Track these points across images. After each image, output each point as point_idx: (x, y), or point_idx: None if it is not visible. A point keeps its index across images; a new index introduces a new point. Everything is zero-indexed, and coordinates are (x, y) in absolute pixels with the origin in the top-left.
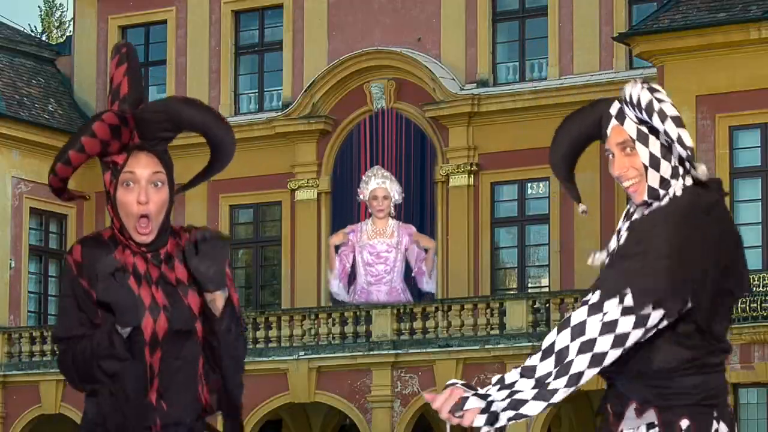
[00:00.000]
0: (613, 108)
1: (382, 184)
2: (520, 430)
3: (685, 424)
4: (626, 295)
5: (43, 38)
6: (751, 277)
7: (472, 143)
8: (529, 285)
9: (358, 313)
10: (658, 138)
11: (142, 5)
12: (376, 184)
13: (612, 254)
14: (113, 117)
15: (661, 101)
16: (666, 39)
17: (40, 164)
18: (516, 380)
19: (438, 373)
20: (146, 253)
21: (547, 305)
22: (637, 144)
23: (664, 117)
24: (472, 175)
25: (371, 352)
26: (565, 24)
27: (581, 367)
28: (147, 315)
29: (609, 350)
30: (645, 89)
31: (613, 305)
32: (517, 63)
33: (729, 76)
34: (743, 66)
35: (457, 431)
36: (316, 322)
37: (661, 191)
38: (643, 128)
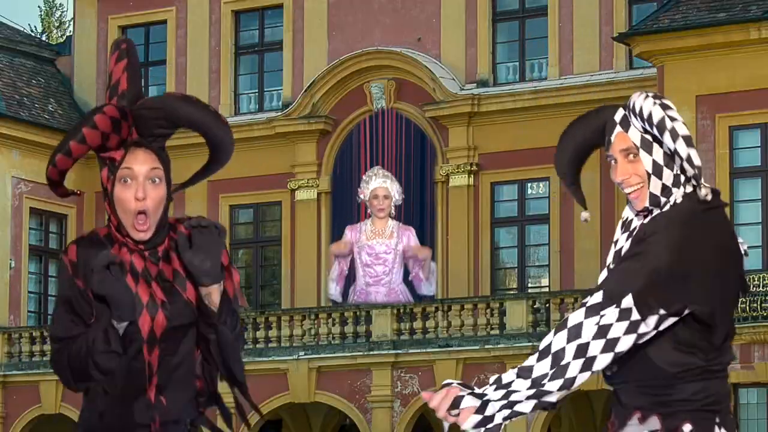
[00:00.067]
0: (618, 115)
1: (383, 183)
2: (520, 430)
3: (687, 429)
4: (626, 296)
5: (43, 38)
6: (751, 277)
7: (472, 143)
8: (529, 285)
9: (358, 313)
10: (661, 146)
11: (142, 5)
12: (378, 184)
13: (609, 267)
14: (114, 110)
15: (674, 120)
16: (666, 39)
17: (40, 164)
18: (512, 380)
19: (438, 373)
20: (144, 250)
21: (547, 305)
22: (641, 152)
23: (675, 136)
24: (472, 175)
25: (371, 352)
26: (565, 24)
27: (574, 372)
28: (144, 313)
29: (598, 354)
30: (657, 105)
31: (612, 307)
32: (517, 63)
33: (729, 76)
34: (743, 66)
35: (457, 431)
36: (316, 322)
37: (663, 198)
38: (648, 136)
